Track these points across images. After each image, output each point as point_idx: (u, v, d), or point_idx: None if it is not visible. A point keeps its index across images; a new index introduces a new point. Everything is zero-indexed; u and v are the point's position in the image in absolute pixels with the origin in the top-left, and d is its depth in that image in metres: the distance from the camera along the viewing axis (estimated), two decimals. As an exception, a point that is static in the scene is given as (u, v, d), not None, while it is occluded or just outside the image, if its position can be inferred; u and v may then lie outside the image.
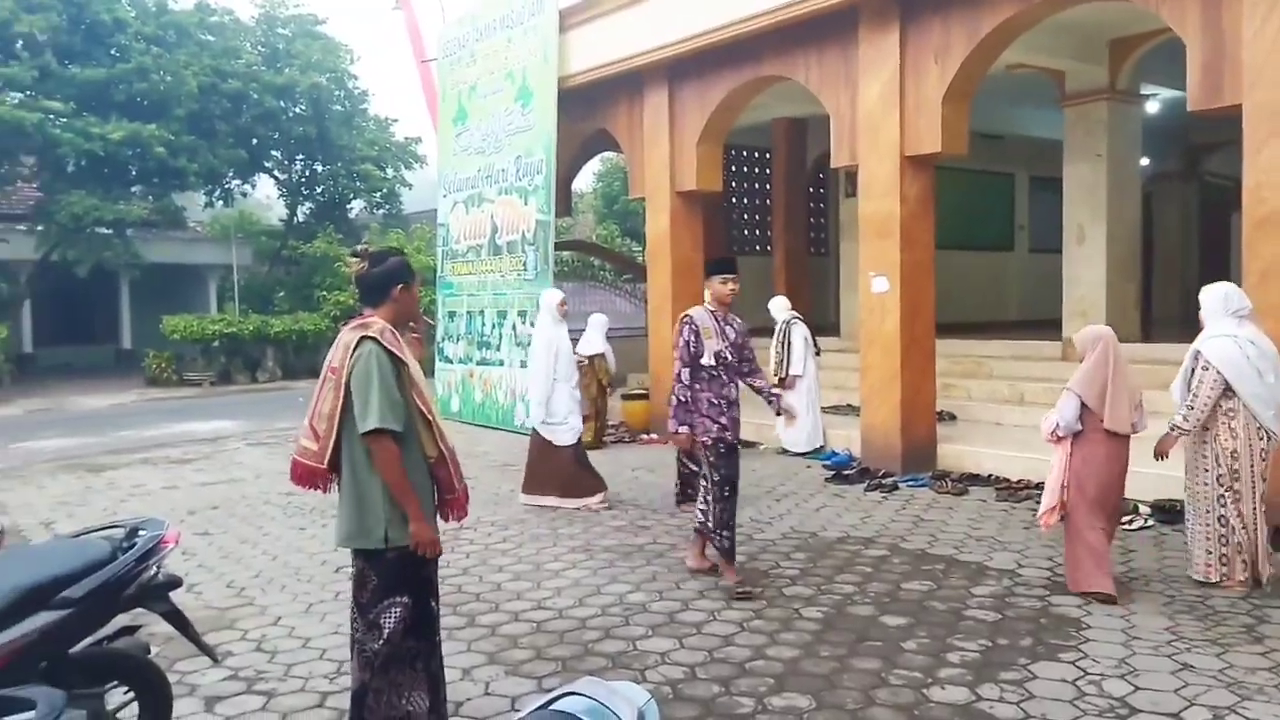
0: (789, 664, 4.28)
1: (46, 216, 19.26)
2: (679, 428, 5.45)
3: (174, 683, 3.65)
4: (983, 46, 7.88)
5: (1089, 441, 5.04)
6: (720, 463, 5.51)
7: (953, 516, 6.97)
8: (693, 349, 5.45)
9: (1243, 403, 4.98)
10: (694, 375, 5.47)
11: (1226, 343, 5.04)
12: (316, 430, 3.26)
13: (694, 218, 11.22)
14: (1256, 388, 4.96)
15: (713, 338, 5.47)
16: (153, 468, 9.83)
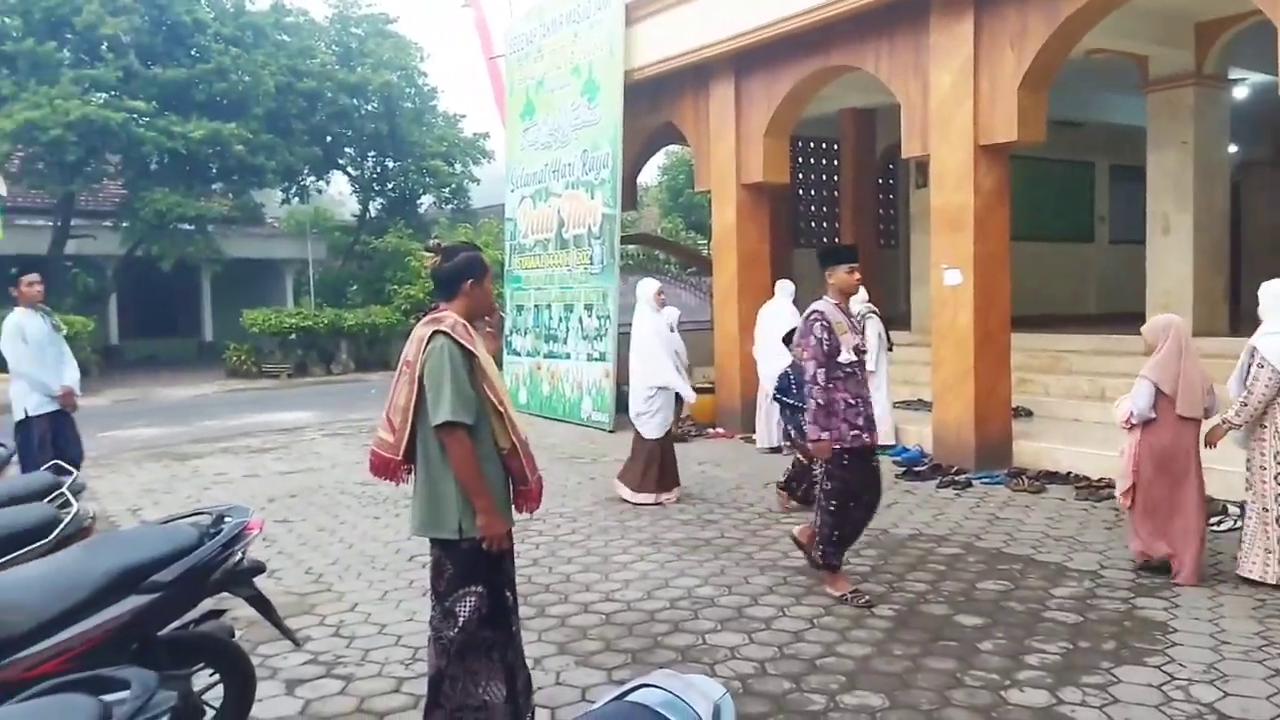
0: (860, 662, 4.23)
1: (131, 213, 20.00)
2: (820, 434, 4.96)
3: (256, 665, 3.75)
4: (1062, 31, 7.64)
5: (1160, 426, 5.21)
6: (843, 472, 5.06)
7: (1030, 515, 6.80)
8: (826, 346, 5.00)
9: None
10: (828, 375, 5.01)
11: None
12: (392, 422, 3.32)
13: (760, 210, 11.13)
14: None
15: (846, 332, 5.07)
16: (234, 456, 10.14)
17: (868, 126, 14.86)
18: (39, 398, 6.64)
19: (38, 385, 6.62)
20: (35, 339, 6.66)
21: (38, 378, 6.62)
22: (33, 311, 6.75)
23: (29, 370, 6.62)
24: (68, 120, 17.17)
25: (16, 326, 6.65)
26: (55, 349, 6.81)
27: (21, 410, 6.63)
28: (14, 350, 6.62)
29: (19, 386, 6.65)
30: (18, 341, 6.61)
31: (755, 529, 6.58)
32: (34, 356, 6.62)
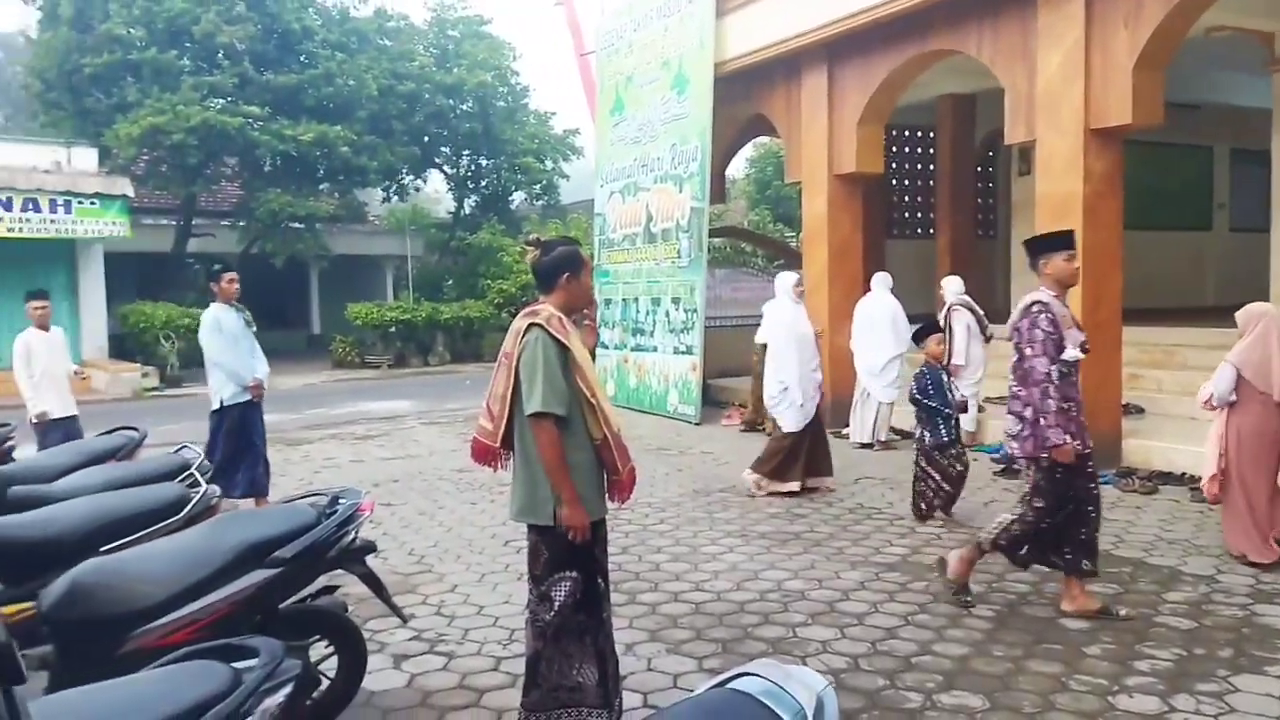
0: (958, 661, 4.17)
1: (247, 213, 20.98)
2: (1061, 439, 4.48)
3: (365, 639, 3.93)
4: (1180, 8, 7.28)
5: (1245, 411, 5.31)
6: (1054, 484, 4.62)
7: (1141, 517, 6.56)
8: (1053, 342, 4.52)
9: None
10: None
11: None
12: (492, 410, 3.44)
13: (853, 200, 10.98)
14: None
15: (1071, 327, 4.59)
16: (340, 443, 10.58)
17: (967, 112, 14.47)
18: (234, 388, 6.92)
19: (232, 376, 6.89)
20: (230, 332, 6.92)
21: (233, 368, 6.89)
22: (229, 307, 6.99)
23: (225, 361, 6.89)
24: (189, 125, 18.10)
25: (214, 320, 6.92)
26: (247, 342, 7.07)
27: (218, 400, 6.93)
28: (211, 342, 6.90)
29: (216, 377, 6.94)
30: (215, 334, 6.88)
31: (846, 524, 6.53)
32: (229, 348, 6.89)
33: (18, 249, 16.92)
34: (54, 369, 7.74)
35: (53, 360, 7.73)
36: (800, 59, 10.82)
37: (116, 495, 3.95)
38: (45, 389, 7.67)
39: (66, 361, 7.98)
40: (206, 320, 6.97)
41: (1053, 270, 4.67)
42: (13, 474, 4.39)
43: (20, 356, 7.66)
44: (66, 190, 16.61)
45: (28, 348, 7.68)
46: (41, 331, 7.75)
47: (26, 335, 7.75)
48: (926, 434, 6.62)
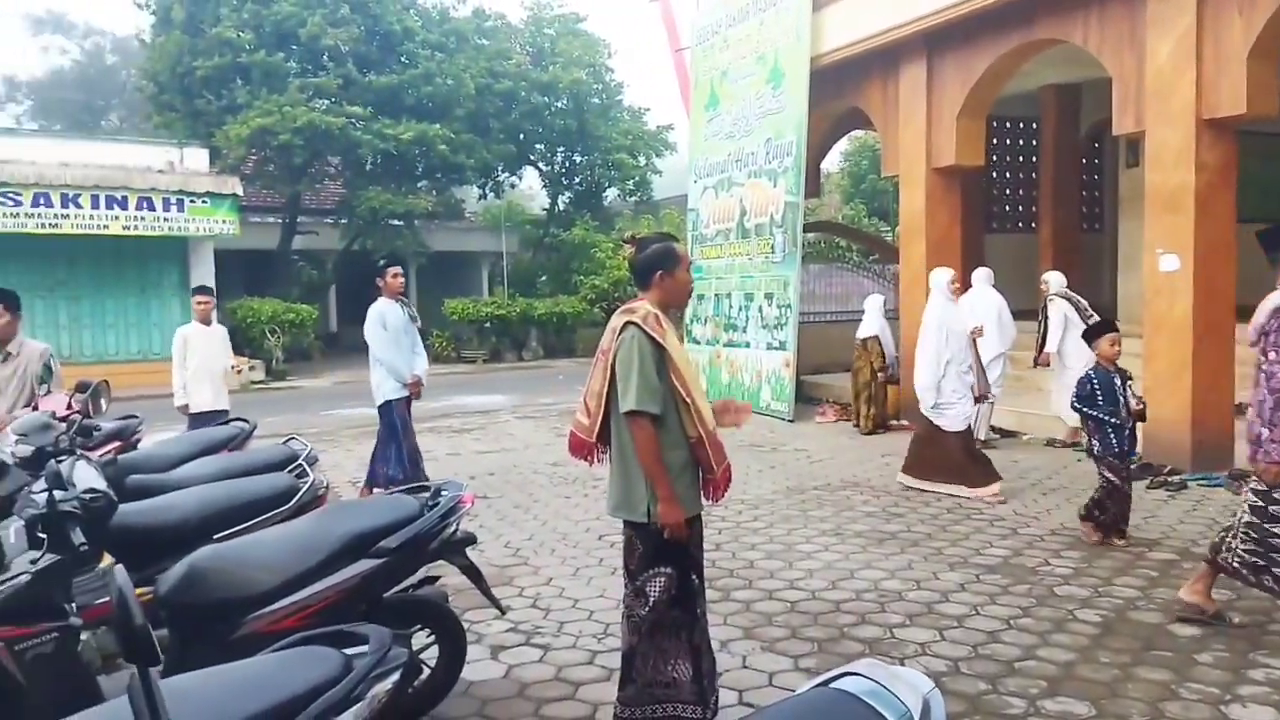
0: (1063, 667, 4.04)
1: (349, 211, 21.65)
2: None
3: (463, 630, 4.03)
4: (1302, -9, 6.91)
5: None
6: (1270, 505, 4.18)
7: (1257, 522, 6.22)
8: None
9: None
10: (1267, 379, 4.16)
11: None
12: (588, 406, 3.47)
13: (951, 194, 10.71)
14: None
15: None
16: (438, 436, 10.85)
17: (1071, 103, 13.94)
18: (394, 384, 6.98)
19: (393, 372, 6.95)
20: (394, 327, 6.95)
21: (393, 364, 6.93)
22: (394, 302, 7.02)
23: (387, 357, 6.93)
24: (295, 126, 18.75)
25: (379, 314, 6.95)
26: (410, 338, 7.11)
27: (382, 396, 7.02)
28: (375, 337, 6.93)
29: (378, 373, 7.02)
30: (379, 328, 6.92)
31: (944, 524, 6.38)
32: (391, 344, 6.93)
33: (133, 246, 17.79)
34: (211, 363, 7.83)
35: (210, 354, 7.82)
36: (899, 50, 10.60)
37: (229, 484, 4.13)
38: (200, 382, 7.75)
39: (225, 357, 8.03)
40: (372, 315, 6.97)
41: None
42: (132, 463, 4.61)
43: (178, 349, 7.80)
44: (179, 189, 17.35)
45: (185, 341, 7.80)
46: (203, 326, 7.87)
47: (187, 329, 7.91)
48: (1095, 442, 5.89)
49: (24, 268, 16.71)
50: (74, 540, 2.58)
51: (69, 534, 2.58)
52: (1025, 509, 6.75)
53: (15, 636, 2.51)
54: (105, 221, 16.71)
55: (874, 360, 10.07)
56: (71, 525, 2.60)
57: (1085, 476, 7.63)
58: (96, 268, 17.89)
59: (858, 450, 9.19)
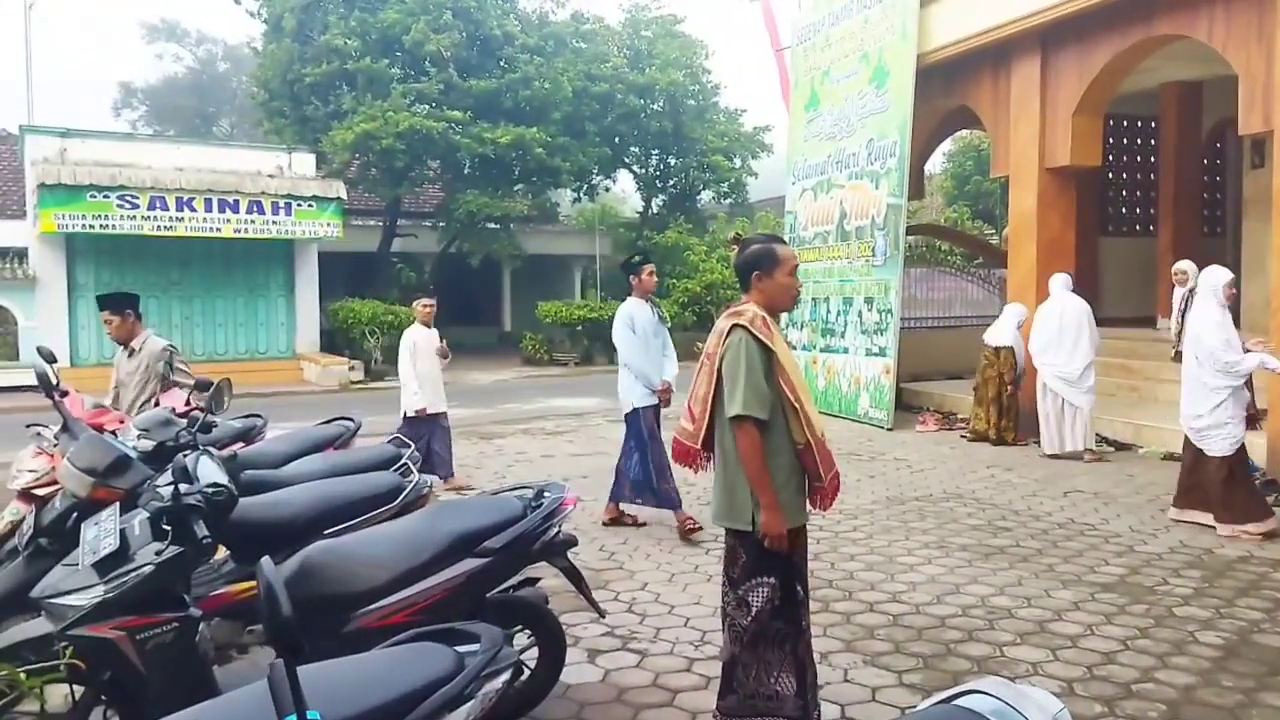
0: (1184, 691, 3.82)
1: (447, 214, 22.11)
2: None
3: (561, 632, 4.03)
4: None
5: None
6: None
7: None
8: None
9: None
10: None
11: None
12: (693, 412, 3.42)
13: (1065, 195, 10.29)
14: None
15: None
16: (531, 438, 10.96)
17: (1193, 101, 13.25)
18: (642, 391, 6.44)
19: (641, 377, 6.42)
20: (643, 329, 6.45)
21: (642, 369, 6.42)
22: (643, 302, 6.53)
23: (635, 361, 6.43)
24: (397, 131, 19.26)
25: (627, 316, 6.46)
26: (659, 341, 6.60)
27: (630, 403, 6.49)
28: (623, 340, 6.45)
29: (625, 378, 6.52)
30: (627, 331, 6.43)
31: (1055, 540, 6.12)
32: (640, 348, 6.42)
33: (242, 248, 18.55)
34: (435, 366, 7.90)
35: (433, 357, 7.88)
36: (1011, 47, 10.25)
37: (337, 482, 4.22)
38: (425, 385, 7.77)
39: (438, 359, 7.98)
40: (620, 316, 6.51)
41: None
42: (243, 459, 4.76)
43: (407, 352, 7.80)
44: (287, 193, 17.98)
45: (414, 344, 7.78)
46: (426, 329, 7.91)
47: (413, 332, 7.95)
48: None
49: (141, 268, 17.66)
50: (197, 533, 2.66)
51: (193, 527, 2.67)
52: (1142, 525, 6.42)
53: (138, 626, 2.60)
54: (218, 224, 17.42)
55: (1004, 371, 9.70)
56: (195, 518, 2.68)
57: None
58: (208, 269, 18.68)
59: (960, 461, 8.91)
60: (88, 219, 16.26)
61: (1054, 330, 8.81)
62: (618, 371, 6.67)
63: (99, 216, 16.32)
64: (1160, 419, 9.21)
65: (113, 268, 17.55)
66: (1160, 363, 10.65)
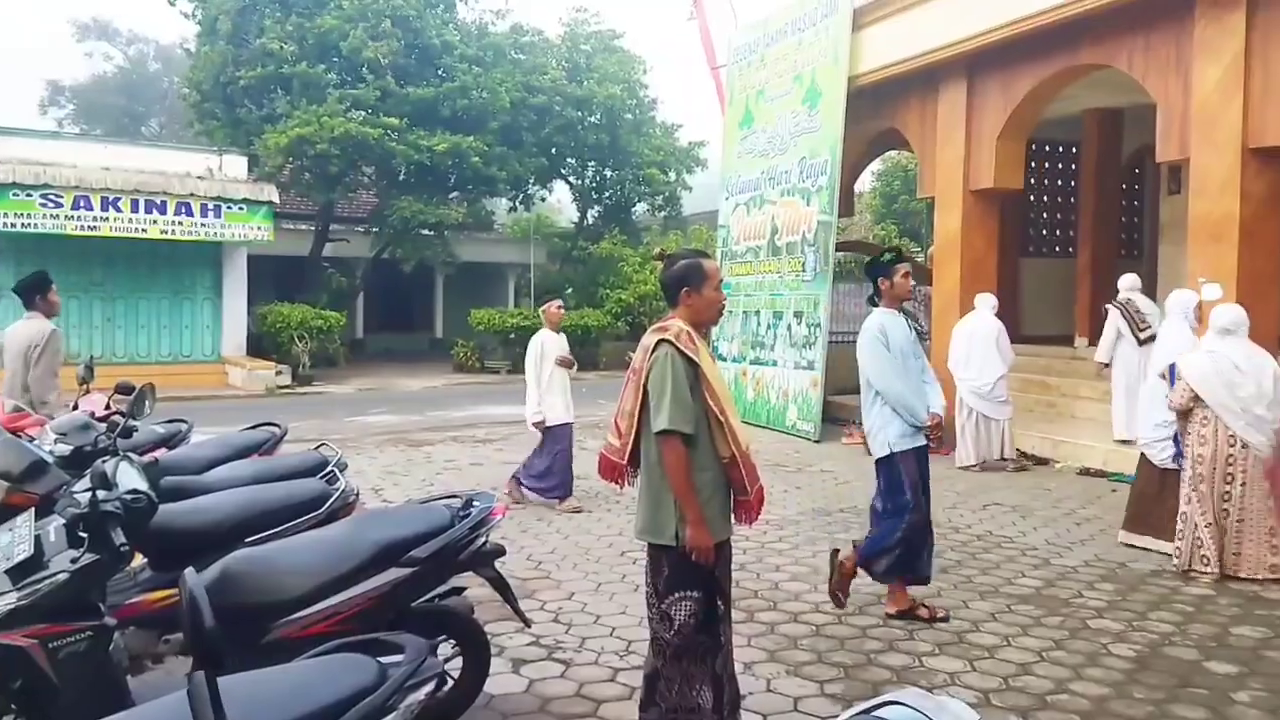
0: (1097, 702, 3.96)
1: (381, 220, 21.84)
2: None
3: (486, 642, 4.00)
4: (1354, 20, 6.81)
5: None
6: None
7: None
8: None
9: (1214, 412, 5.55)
10: None
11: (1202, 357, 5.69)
12: (619, 427, 3.42)
13: (988, 217, 10.64)
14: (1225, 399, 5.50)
15: None
16: (461, 445, 10.87)
17: (1113, 128, 13.80)
18: (902, 427, 4.91)
19: (904, 408, 4.89)
20: (899, 347, 4.98)
21: (903, 398, 4.89)
22: (895, 312, 5.10)
23: (894, 388, 4.90)
24: (332, 136, 18.97)
25: (879, 329, 4.97)
26: (919, 362, 5.11)
27: (885, 444, 4.97)
28: (877, 359, 4.95)
29: (881, 412, 4.97)
30: (880, 348, 4.94)
31: (974, 552, 6.30)
32: (899, 371, 4.93)
33: (168, 250, 18.10)
34: (562, 373, 7.48)
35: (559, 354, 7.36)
36: (939, 72, 10.57)
37: (261, 489, 4.13)
38: (553, 393, 7.40)
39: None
40: (870, 331, 5.02)
41: None
42: (164, 465, 4.64)
43: (535, 357, 7.38)
44: (217, 196, 17.65)
45: (542, 348, 7.28)
46: (554, 334, 7.47)
47: (543, 335, 7.43)
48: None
49: (63, 268, 16.96)
50: (114, 540, 2.59)
51: (110, 534, 2.60)
52: (1058, 539, 6.65)
53: (51, 634, 2.52)
54: (144, 225, 17.04)
55: None
56: (113, 525, 2.61)
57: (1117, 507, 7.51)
58: (132, 270, 18.21)
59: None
60: (9, 217, 15.82)
61: (965, 348, 9.20)
62: (864, 403, 5.18)
63: (21, 215, 15.89)
64: (1077, 434, 9.57)
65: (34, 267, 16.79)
66: (1077, 380, 11.07)
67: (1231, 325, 5.73)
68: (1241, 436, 5.55)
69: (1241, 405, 5.53)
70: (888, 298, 5.12)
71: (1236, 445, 5.58)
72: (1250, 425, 5.53)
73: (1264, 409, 5.50)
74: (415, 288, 26.04)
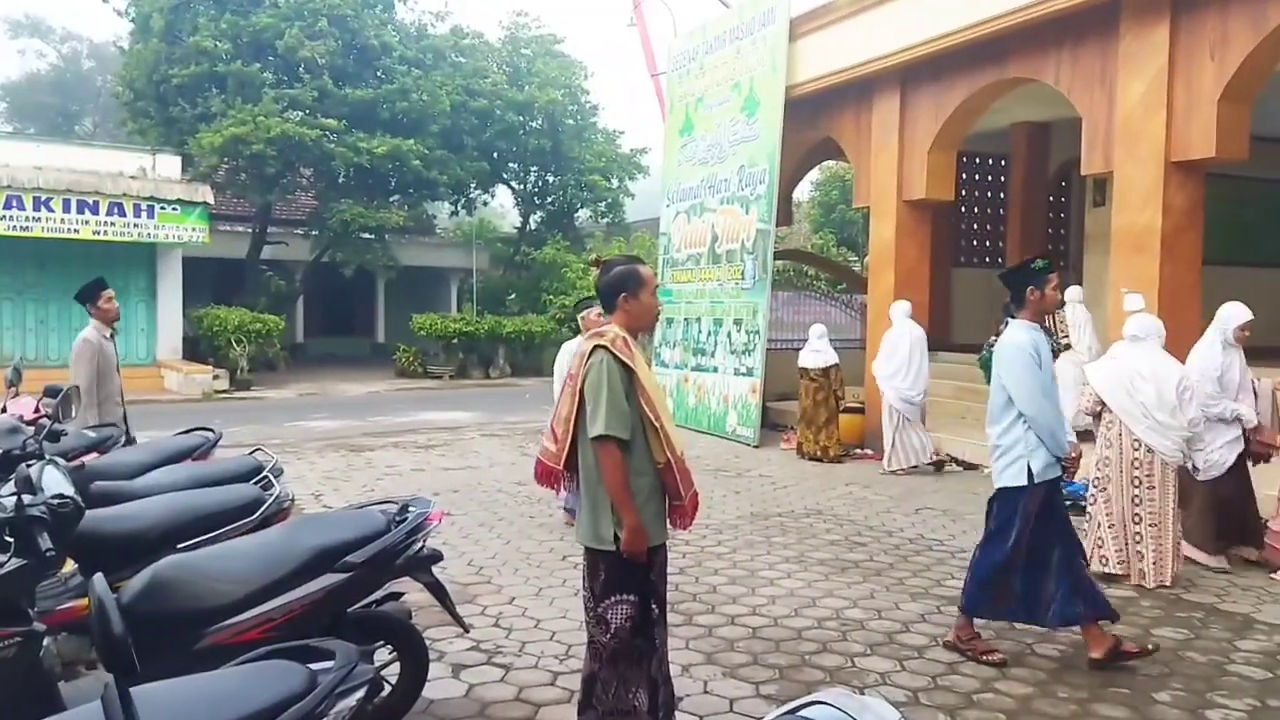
0: (1021, 701, 4.08)
1: (320, 222, 21.53)
2: None
3: (425, 648, 3.99)
4: (1271, 39, 7.13)
5: None
6: None
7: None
8: None
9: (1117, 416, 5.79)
10: None
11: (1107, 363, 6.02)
12: (556, 432, 3.46)
13: (921, 227, 10.88)
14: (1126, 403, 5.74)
15: None
16: (402, 451, 10.76)
17: (1041, 141, 14.26)
18: (1046, 456, 4.43)
19: (1050, 437, 4.43)
20: (1048, 367, 4.56)
21: (1052, 425, 4.43)
22: (1035, 327, 4.62)
23: (1047, 414, 4.43)
24: (269, 136, 18.64)
25: (1031, 347, 4.48)
26: (1055, 383, 4.65)
27: (1020, 473, 4.45)
28: (1029, 382, 4.44)
29: (1024, 438, 4.47)
30: (1034, 368, 4.46)
31: (906, 554, 6.45)
32: (1046, 393, 4.47)
33: (102, 251, 17.59)
34: None
35: None
36: (873, 83, 10.79)
37: (194, 494, 4.06)
38: None
39: None
40: (1019, 347, 4.47)
41: None
42: (95, 470, 4.55)
43: (562, 369, 6.82)
44: (150, 196, 17.29)
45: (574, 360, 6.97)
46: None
47: (575, 345, 6.92)
48: None
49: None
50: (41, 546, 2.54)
51: (36, 539, 2.55)
52: (986, 540, 6.82)
53: (-23, 640, 2.46)
54: (76, 226, 16.69)
55: (838, 388, 10.18)
56: (39, 530, 2.56)
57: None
58: (65, 271, 17.66)
59: (822, 478, 9.27)
60: (-61, 217, 15.25)
61: (904, 356, 9.43)
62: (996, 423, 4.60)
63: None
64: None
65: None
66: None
67: (1140, 333, 5.89)
68: (1145, 441, 5.69)
69: (1142, 410, 5.67)
70: (1033, 310, 4.61)
71: (1141, 449, 5.72)
72: (1152, 430, 5.67)
73: (1167, 415, 5.63)
74: (356, 291, 25.71)
